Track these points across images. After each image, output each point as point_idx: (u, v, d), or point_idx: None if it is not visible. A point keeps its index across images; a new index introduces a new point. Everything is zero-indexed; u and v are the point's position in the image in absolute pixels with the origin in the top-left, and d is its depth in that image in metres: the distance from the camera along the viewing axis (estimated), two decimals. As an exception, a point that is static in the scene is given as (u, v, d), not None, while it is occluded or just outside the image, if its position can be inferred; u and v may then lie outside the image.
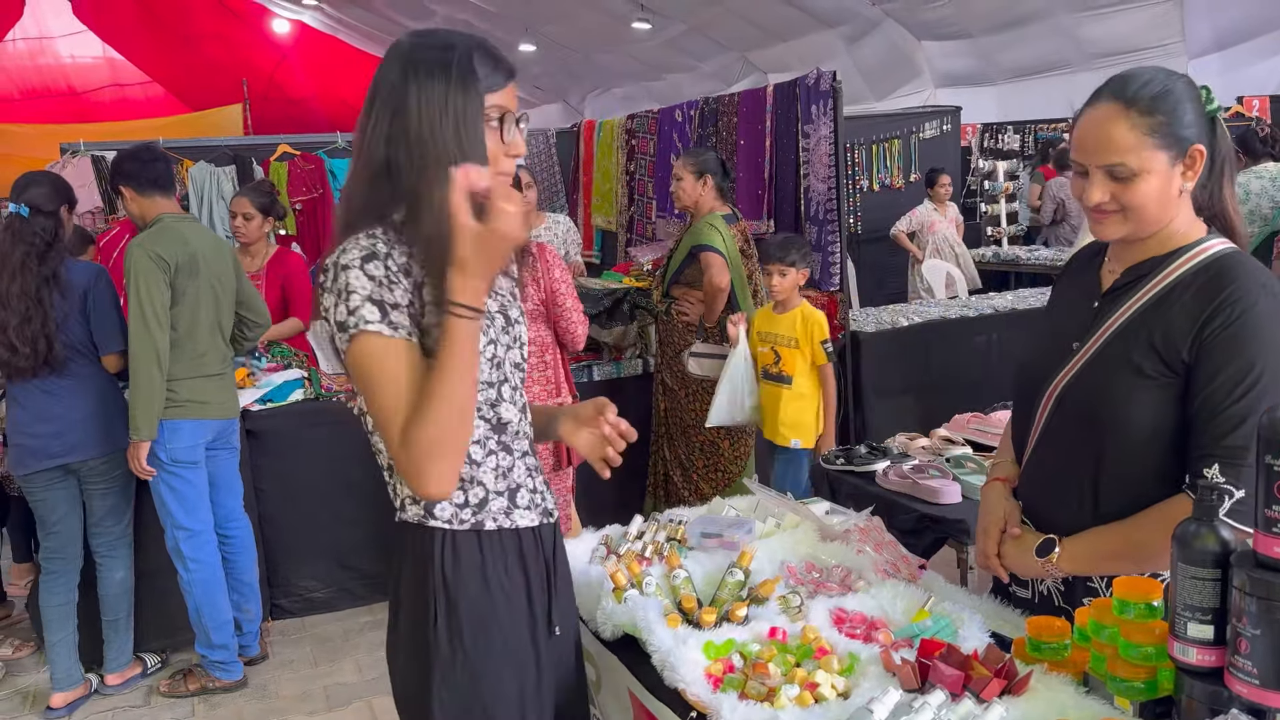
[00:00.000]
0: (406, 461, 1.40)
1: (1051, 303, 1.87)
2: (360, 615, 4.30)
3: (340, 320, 1.41)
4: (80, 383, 3.42)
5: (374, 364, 1.41)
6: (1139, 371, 1.55)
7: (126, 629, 3.69)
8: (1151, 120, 1.51)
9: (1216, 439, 1.49)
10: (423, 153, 1.42)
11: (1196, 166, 1.56)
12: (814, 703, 1.45)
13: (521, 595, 1.58)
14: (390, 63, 1.48)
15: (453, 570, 1.52)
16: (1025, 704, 1.37)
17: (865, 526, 2.08)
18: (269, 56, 15.64)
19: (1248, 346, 1.48)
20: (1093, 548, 1.61)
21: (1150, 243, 1.60)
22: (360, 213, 1.46)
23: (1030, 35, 8.68)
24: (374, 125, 1.46)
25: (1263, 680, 1.18)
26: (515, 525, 1.58)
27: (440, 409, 1.39)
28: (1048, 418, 1.69)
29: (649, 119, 6.76)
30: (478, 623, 1.53)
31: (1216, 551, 1.25)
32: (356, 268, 1.41)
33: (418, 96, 1.43)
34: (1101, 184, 1.55)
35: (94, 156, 6.15)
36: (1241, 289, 1.50)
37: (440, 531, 1.53)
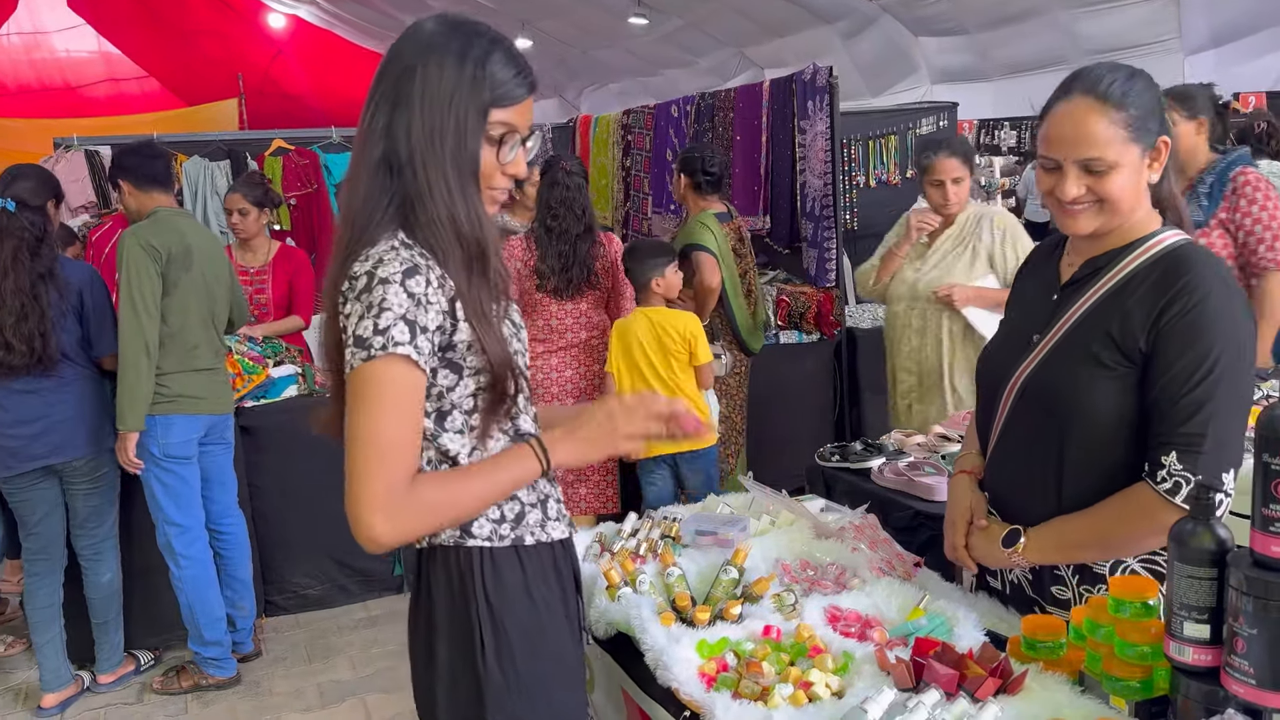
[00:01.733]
0: (374, 500, 1.30)
1: (1013, 296, 1.91)
2: (354, 612, 4.29)
3: (362, 335, 1.32)
4: (65, 383, 3.39)
5: (388, 391, 1.32)
6: (1098, 362, 1.58)
7: (116, 629, 3.67)
8: (1125, 114, 1.55)
9: (1174, 427, 1.52)
10: (424, 154, 1.36)
11: (1162, 158, 1.61)
12: (808, 702, 1.44)
13: (560, 606, 1.52)
14: (405, 46, 1.40)
15: (495, 590, 1.44)
16: (1020, 703, 1.37)
17: (860, 524, 2.07)
18: (264, 51, 15.59)
19: (1203, 335, 1.51)
20: (1056, 538, 1.65)
21: (1110, 235, 1.64)
22: (362, 207, 1.39)
23: (1027, 31, 8.67)
24: (374, 113, 1.39)
25: (1259, 680, 1.18)
26: (550, 537, 1.52)
27: (453, 508, 1.38)
28: (1010, 409, 1.72)
29: (645, 114, 6.74)
30: (528, 642, 1.46)
31: (1213, 551, 1.24)
32: (397, 283, 1.32)
33: (423, 91, 1.36)
34: (1077, 178, 1.58)
35: (88, 151, 6.12)
36: (1196, 279, 1.53)
37: (479, 550, 1.45)
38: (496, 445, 1.47)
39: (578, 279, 3.84)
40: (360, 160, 1.41)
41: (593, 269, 3.86)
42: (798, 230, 5.42)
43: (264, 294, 4.53)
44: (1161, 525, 1.51)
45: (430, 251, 1.38)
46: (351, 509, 1.31)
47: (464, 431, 1.44)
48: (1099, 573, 1.66)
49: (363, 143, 1.41)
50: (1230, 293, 1.55)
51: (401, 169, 1.38)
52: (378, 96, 1.40)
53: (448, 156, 1.37)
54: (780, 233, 5.60)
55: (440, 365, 1.39)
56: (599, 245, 3.89)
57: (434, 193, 1.37)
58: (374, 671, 3.77)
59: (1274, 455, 1.18)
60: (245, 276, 4.43)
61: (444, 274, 1.37)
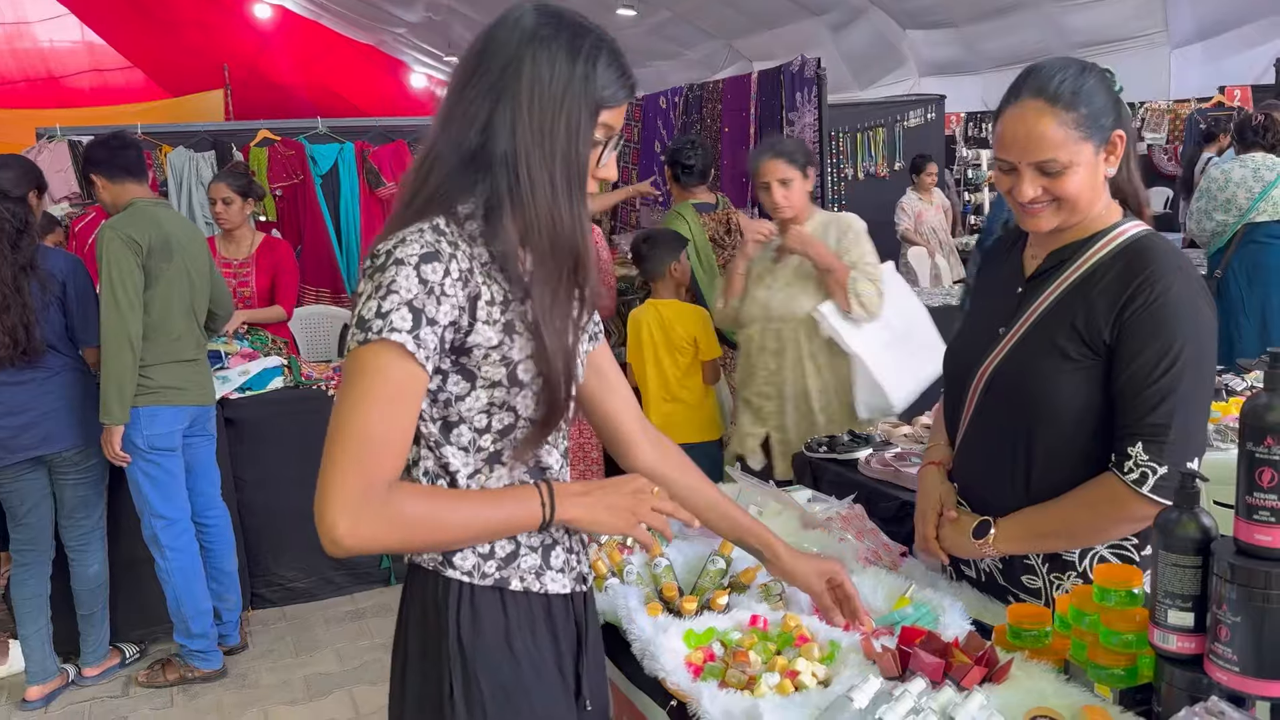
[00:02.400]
0: (343, 499, 1.19)
1: (976, 290, 1.92)
2: (341, 605, 4.28)
3: (364, 316, 1.21)
4: (52, 374, 3.37)
5: (378, 380, 1.21)
6: (1063, 354, 1.60)
7: (102, 622, 3.66)
8: (1075, 114, 1.55)
9: (1139, 417, 1.54)
10: (529, 153, 1.26)
11: (1118, 152, 1.61)
12: (794, 691, 1.44)
13: (551, 664, 1.37)
14: (507, 35, 1.28)
15: (471, 633, 1.31)
16: (1006, 692, 1.37)
17: (847, 514, 2.07)
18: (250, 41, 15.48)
19: (1166, 327, 1.52)
20: (1025, 528, 1.67)
21: (1071, 229, 1.65)
22: (434, 199, 1.28)
23: (1014, 25, 8.68)
24: (472, 104, 1.27)
25: (1242, 667, 1.18)
26: (545, 590, 1.37)
27: (431, 531, 1.26)
28: (978, 401, 1.73)
29: (633, 106, 6.73)
30: (502, 695, 1.31)
31: (1197, 539, 1.25)
32: (411, 266, 1.21)
33: (533, 86, 1.26)
34: (1033, 180, 1.59)
35: (70, 141, 6.07)
36: (1158, 271, 1.54)
37: (456, 583, 1.32)
38: (505, 474, 1.35)
39: None
40: (442, 151, 1.29)
41: None
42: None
43: (247, 286, 4.51)
44: (1129, 515, 1.56)
45: (506, 252, 1.28)
46: (318, 504, 1.19)
47: (469, 450, 1.32)
48: (1068, 560, 1.69)
49: (446, 134, 1.28)
50: (1191, 284, 1.56)
51: (499, 167, 1.26)
52: (477, 86, 1.27)
53: (557, 158, 1.27)
54: (768, 225, 5.59)
55: (451, 369, 1.28)
56: None
57: (536, 195, 1.26)
58: (360, 664, 3.76)
59: (1258, 444, 1.19)
60: (228, 268, 4.41)
61: (471, 268, 1.26)
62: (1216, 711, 1.15)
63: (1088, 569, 1.68)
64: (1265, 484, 1.18)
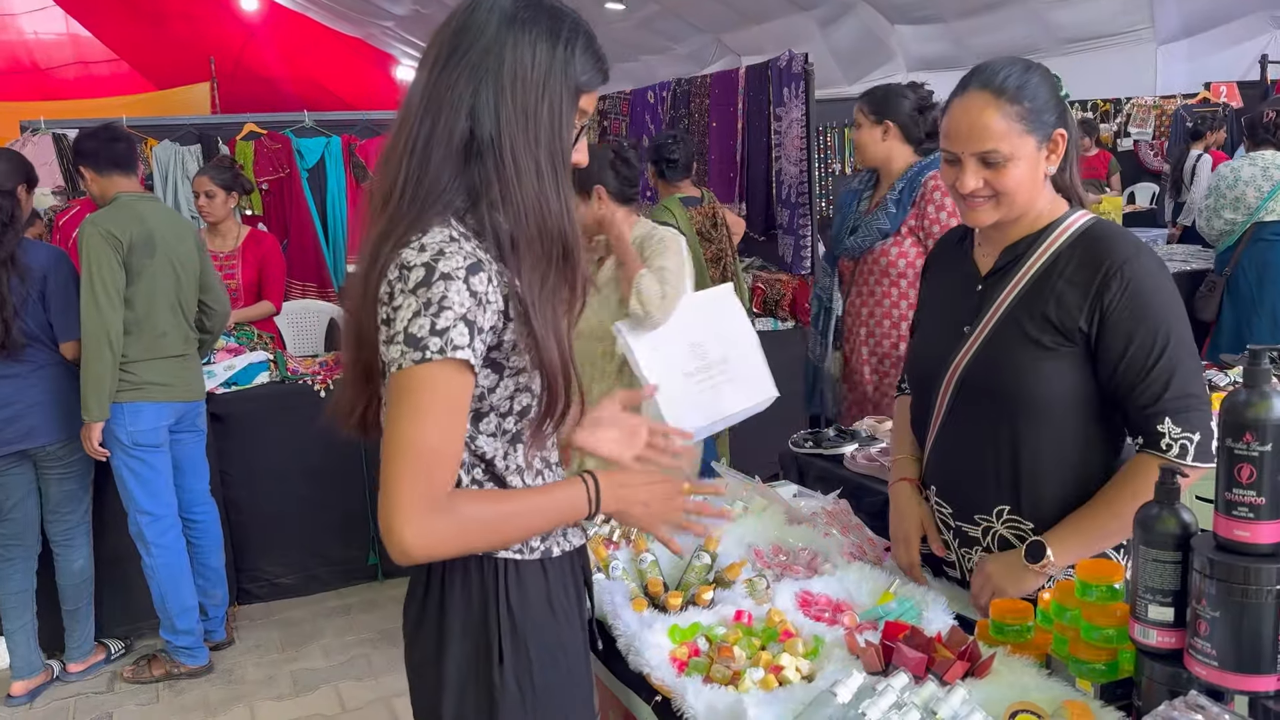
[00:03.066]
0: (409, 511, 1.22)
1: (929, 292, 1.92)
2: (328, 600, 4.27)
3: (417, 334, 1.20)
4: (37, 368, 3.36)
5: (440, 397, 1.22)
6: (1037, 344, 1.63)
7: (87, 617, 3.65)
8: (1019, 108, 1.60)
9: (1156, 397, 1.58)
10: (513, 137, 1.26)
11: (1059, 150, 1.66)
12: (778, 686, 1.45)
13: (577, 616, 1.46)
14: (486, 17, 1.27)
15: (519, 601, 1.36)
16: (988, 686, 1.38)
17: (832, 509, 2.08)
18: (237, 34, 15.38)
19: (1149, 309, 1.57)
20: (1080, 535, 1.64)
21: (1021, 223, 1.69)
22: (420, 187, 1.27)
23: (1002, 20, 8.71)
24: (453, 86, 1.25)
25: (1221, 662, 1.19)
26: (572, 545, 1.45)
27: (492, 533, 1.31)
28: (950, 402, 1.74)
29: (621, 100, 6.72)
30: (547, 654, 1.39)
31: (1177, 534, 1.26)
32: (461, 280, 1.21)
33: (515, 69, 1.26)
34: (975, 171, 1.62)
35: (55, 135, 6.03)
36: (1121, 254, 1.59)
37: (504, 562, 1.36)
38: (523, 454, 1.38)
39: None
40: (421, 136, 1.27)
41: None
42: (773, 217, 5.43)
43: (234, 279, 4.49)
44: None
45: (498, 242, 1.28)
46: (385, 519, 1.23)
47: (496, 434, 1.35)
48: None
49: (430, 118, 1.27)
50: (1152, 260, 1.61)
51: (483, 151, 1.26)
52: (457, 69, 1.26)
53: (541, 142, 1.28)
54: (756, 220, 5.60)
55: (482, 365, 1.29)
56: None
57: (522, 180, 1.27)
58: (347, 659, 3.76)
59: (1237, 440, 1.20)
60: (215, 262, 4.38)
61: (503, 268, 1.27)
62: (1195, 706, 1.16)
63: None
64: (1244, 480, 1.19)
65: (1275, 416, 1.18)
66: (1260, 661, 1.18)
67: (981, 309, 1.71)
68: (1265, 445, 1.18)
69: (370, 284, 1.28)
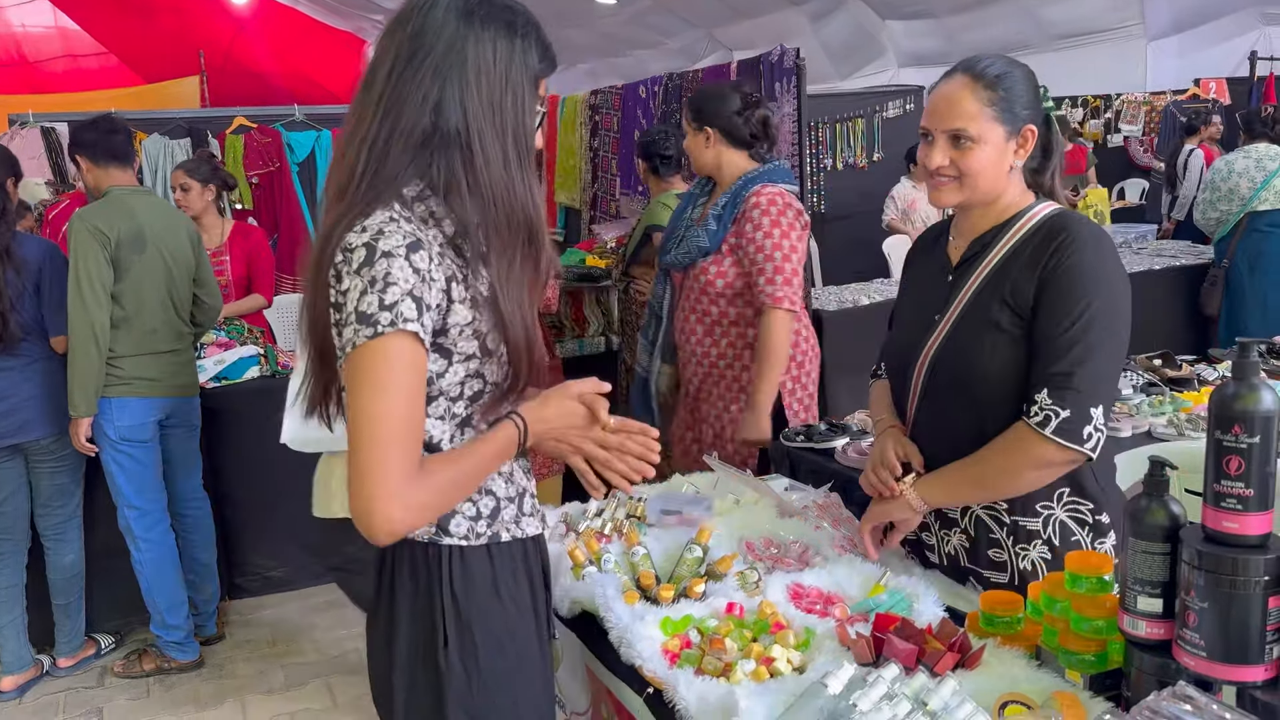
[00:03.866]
0: (391, 487, 1.24)
1: (906, 287, 2.00)
2: (319, 595, 4.26)
3: (366, 311, 1.23)
4: (31, 362, 3.34)
5: (397, 369, 1.24)
6: (997, 327, 1.69)
7: (78, 612, 3.64)
8: (993, 94, 1.67)
9: (1047, 366, 1.64)
10: (481, 127, 1.31)
11: (1028, 145, 1.72)
12: (769, 677, 1.45)
13: (528, 604, 1.48)
14: (443, 16, 1.31)
15: (463, 586, 1.39)
16: (978, 677, 1.38)
17: (823, 503, 2.09)
18: (227, 28, 15.31)
19: (1079, 283, 1.63)
20: (943, 475, 1.77)
21: (989, 214, 1.76)
22: (380, 185, 1.30)
23: (993, 16, 8.73)
24: (416, 85, 1.29)
25: (1209, 652, 1.20)
26: (524, 533, 1.48)
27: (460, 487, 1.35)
28: (923, 387, 1.81)
29: (612, 95, 6.71)
30: (492, 639, 1.42)
31: (1166, 526, 1.27)
32: (402, 257, 1.24)
33: (478, 63, 1.31)
34: (943, 148, 1.70)
35: (44, 128, 6.00)
36: (1073, 235, 1.66)
37: (450, 548, 1.40)
38: (474, 434, 1.42)
39: None
40: (384, 132, 1.30)
41: None
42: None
43: (223, 275, 4.47)
44: (1035, 458, 1.65)
45: (465, 228, 1.32)
46: (364, 500, 1.23)
47: (445, 418, 1.38)
48: (1032, 529, 1.76)
49: (392, 115, 1.30)
50: (1104, 249, 1.67)
51: (449, 144, 1.30)
52: (420, 67, 1.30)
53: (508, 131, 1.33)
54: (747, 215, 5.59)
55: (430, 349, 1.31)
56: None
57: (491, 169, 1.32)
58: (339, 654, 3.75)
59: (1225, 432, 1.20)
60: (203, 257, 4.37)
61: (443, 250, 1.31)
62: (1184, 696, 1.16)
63: (1052, 536, 1.75)
64: (1232, 472, 1.20)
65: (1263, 409, 1.19)
66: (1248, 652, 1.19)
67: (950, 298, 1.78)
68: (1254, 437, 1.19)
69: (321, 270, 1.31)
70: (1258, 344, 1.25)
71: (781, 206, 2.85)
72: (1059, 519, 1.75)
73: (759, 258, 2.84)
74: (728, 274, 2.90)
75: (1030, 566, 1.77)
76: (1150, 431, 3.00)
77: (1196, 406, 3.12)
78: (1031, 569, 1.77)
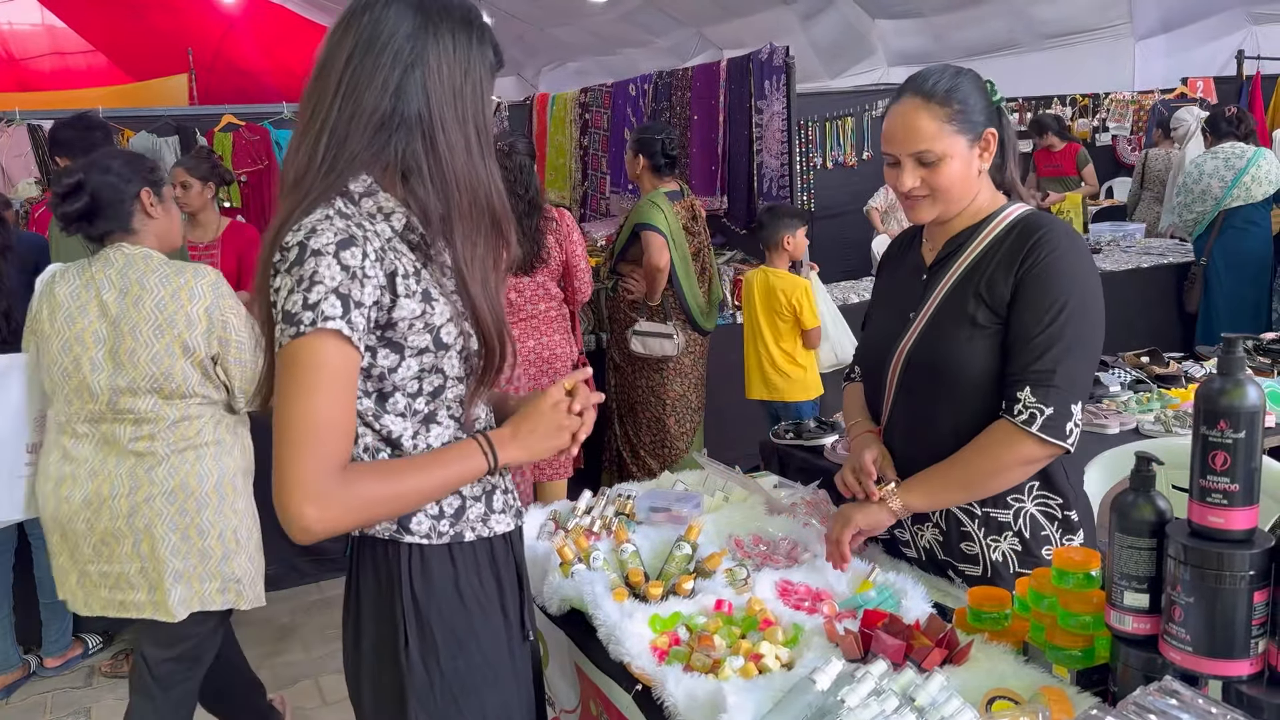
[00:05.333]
0: (305, 486, 1.22)
1: (880, 288, 2.02)
2: (308, 594, 4.25)
3: (290, 310, 1.24)
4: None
5: (319, 369, 1.24)
6: (973, 322, 1.71)
7: (65, 611, 3.60)
8: (948, 109, 1.70)
9: (1026, 364, 1.66)
10: (442, 114, 1.32)
11: (991, 148, 1.76)
12: (758, 674, 1.45)
13: (495, 604, 1.46)
14: (404, 9, 1.33)
15: (423, 587, 1.39)
16: (966, 673, 1.39)
17: (812, 499, 2.09)
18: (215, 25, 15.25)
19: (1054, 282, 1.66)
20: (927, 479, 1.76)
21: (961, 217, 1.79)
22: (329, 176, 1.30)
23: (983, 15, 8.75)
24: (375, 75, 1.29)
25: (1195, 647, 1.21)
26: (492, 532, 1.46)
27: (391, 502, 1.31)
28: (898, 384, 1.83)
29: (602, 93, 6.71)
30: (453, 640, 1.41)
31: (1152, 521, 1.27)
32: (330, 255, 1.24)
33: (439, 53, 1.32)
34: (912, 171, 1.73)
35: (30, 126, 5.97)
36: (1047, 235, 1.69)
37: (410, 547, 1.39)
38: (443, 432, 1.41)
39: (529, 254, 3.83)
40: (342, 120, 1.31)
41: (542, 243, 3.85)
42: (755, 210, 5.43)
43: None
44: (1021, 455, 1.67)
45: (426, 216, 1.33)
46: (280, 496, 1.23)
47: (406, 414, 1.38)
48: (1003, 521, 1.78)
49: (351, 102, 1.30)
50: (1077, 248, 1.70)
51: (411, 130, 1.32)
52: (380, 57, 1.30)
53: (469, 119, 1.35)
54: (737, 213, 5.61)
55: (379, 344, 1.32)
56: (549, 220, 3.89)
57: (455, 156, 1.34)
58: (328, 653, 3.74)
59: (1211, 428, 1.21)
60: (194, 252, 4.35)
61: (382, 246, 1.30)
62: (1170, 691, 1.17)
63: (1023, 528, 1.77)
64: (1218, 467, 1.20)
65: (1249, 404, 1.20)
66: (1234, 646, 1.19)
67: (925, 296, 1.80)
68: (1239, 433, 1.19)
69: (265, 267, 1.32)
70: (1243, 339, 1.26)
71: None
72: (1029, 512, 1.78)
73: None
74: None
75: (1001, 558, 1.78)
76: (1138, 428, 3.02)
77: (1184, 403, 3.14)
78: (1003, 560, 1.78)
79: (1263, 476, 1.24)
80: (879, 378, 1.87)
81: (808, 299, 4.11)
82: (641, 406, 4.35)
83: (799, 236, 4.20)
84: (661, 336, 4.18)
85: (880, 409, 1.89)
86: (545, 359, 3.93)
